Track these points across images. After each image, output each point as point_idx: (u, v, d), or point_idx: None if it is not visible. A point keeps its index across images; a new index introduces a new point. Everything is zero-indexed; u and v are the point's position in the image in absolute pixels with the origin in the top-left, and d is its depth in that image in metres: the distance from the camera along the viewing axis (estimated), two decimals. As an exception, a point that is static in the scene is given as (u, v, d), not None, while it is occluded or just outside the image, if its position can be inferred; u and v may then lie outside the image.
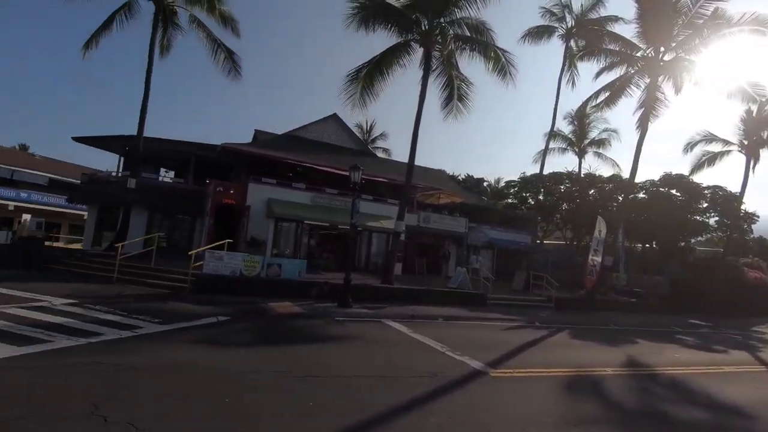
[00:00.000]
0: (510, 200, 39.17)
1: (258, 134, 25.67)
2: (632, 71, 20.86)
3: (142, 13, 18.88)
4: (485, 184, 51.07)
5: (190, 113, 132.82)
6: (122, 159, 24.37)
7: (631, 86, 21.02)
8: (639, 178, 26.69)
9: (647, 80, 20.38)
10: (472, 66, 26.77)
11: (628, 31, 22.87)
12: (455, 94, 17.05)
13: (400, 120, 79.77)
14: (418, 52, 17.02)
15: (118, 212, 19.42)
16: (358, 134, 34.89)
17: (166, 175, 28.17)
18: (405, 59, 16.99)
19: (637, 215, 26.91)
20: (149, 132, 19.29)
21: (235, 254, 13.87)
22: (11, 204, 32.79)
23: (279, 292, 12.99)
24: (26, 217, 23.75)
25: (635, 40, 20.26)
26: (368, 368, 6.42)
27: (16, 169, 35.37)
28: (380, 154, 37.54)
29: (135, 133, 18.57)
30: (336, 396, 5.03)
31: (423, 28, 16.49)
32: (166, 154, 24.09)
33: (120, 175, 22.65)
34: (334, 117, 26.37)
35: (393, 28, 16.26)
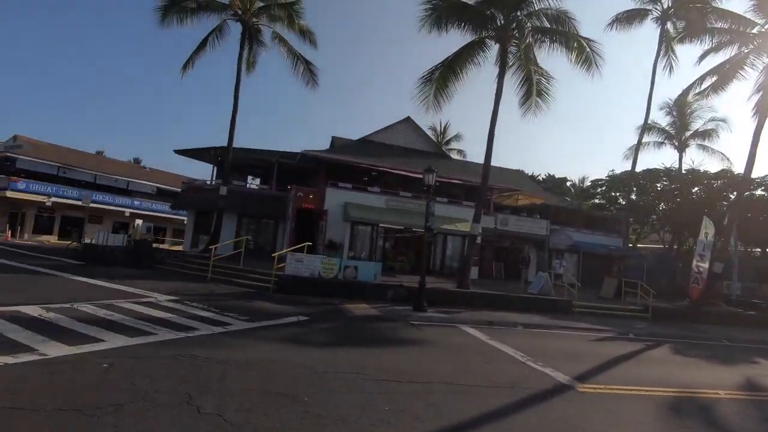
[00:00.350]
0: (597, 200, 36.30)
1: (335, 140, 26.62)
2: (746, 50, 18.26)
3: (230, 33, 20.61)
4: (568, 183, 48.05)
5: (273, 122, 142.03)
6: (215, 168, 26.70)
7: (745, 68, 18.42)
8: (757, 173, 23.24)
9: (766, 60, 17.73)
10: (552, 58, 25.21)
11: (739, 5, 20.14)
12: (534, 89, 16.21)
13: (475, 120, 77.86)
14: (494, 49, 16.50)
15: (212, 217, 21.28)
16: (431, 136, 34.70)
17: (253, 182, 30.33)
18: (479, 57, 16.54)
19: (753, 215, 23.44)
20: (238, 143, 20.92)
21: (314, 257, 14.45)
22: (127, 210, 37.61)
23: (355, 293, 13.29)
24: (138, 222, 26.99)
25: (749, 15, 17.75)
26: (443, 375, 6.26)
27: (131, 180, 40.49)
28: (455, 156, 36.98)
29: (226, 144, 20.22)
30: (411, 402, 4.96)
31: (498, 24, 15.93)
32: (253, 162, 25.93)
33: (213, 183, 24.83)
34: (408, 120, 26.49)
35: (466, 27, 15.92)
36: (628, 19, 28.08)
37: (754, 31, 17.89)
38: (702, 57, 19.42)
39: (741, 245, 24.20)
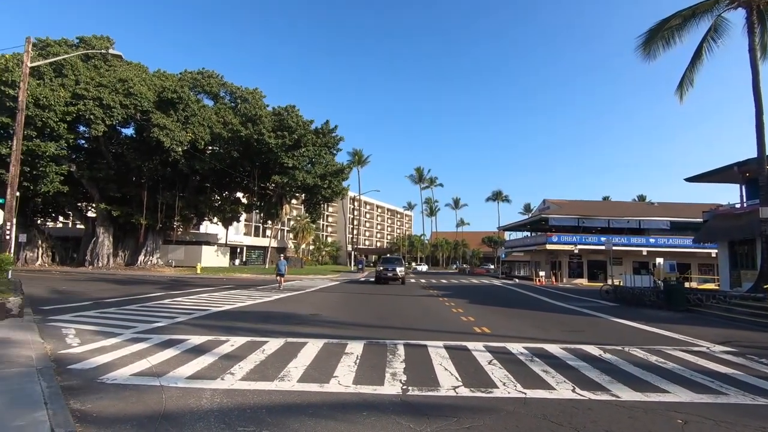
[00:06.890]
0: None
1: None
2: None
3: (729, 26, 17.22)
4: None
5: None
6: (743, 187, 21.90)
7: None
8: None
9: None
10: None
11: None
12: None
13: None
14: None
15: (751, 247, 17.23)
16: None
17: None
18: None
19: None
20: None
21: None
22: (644, 249, 37.42)
23: None
24: (659, 260, 26.01)
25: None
26: None
27: (642, 218, 40.38)
28: None
29: (756, 154, 16.27)
30: None
31: None
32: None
33: (746, 205, 20.32)
34: None
35: None
36: None
37: None
38: None
39: None
